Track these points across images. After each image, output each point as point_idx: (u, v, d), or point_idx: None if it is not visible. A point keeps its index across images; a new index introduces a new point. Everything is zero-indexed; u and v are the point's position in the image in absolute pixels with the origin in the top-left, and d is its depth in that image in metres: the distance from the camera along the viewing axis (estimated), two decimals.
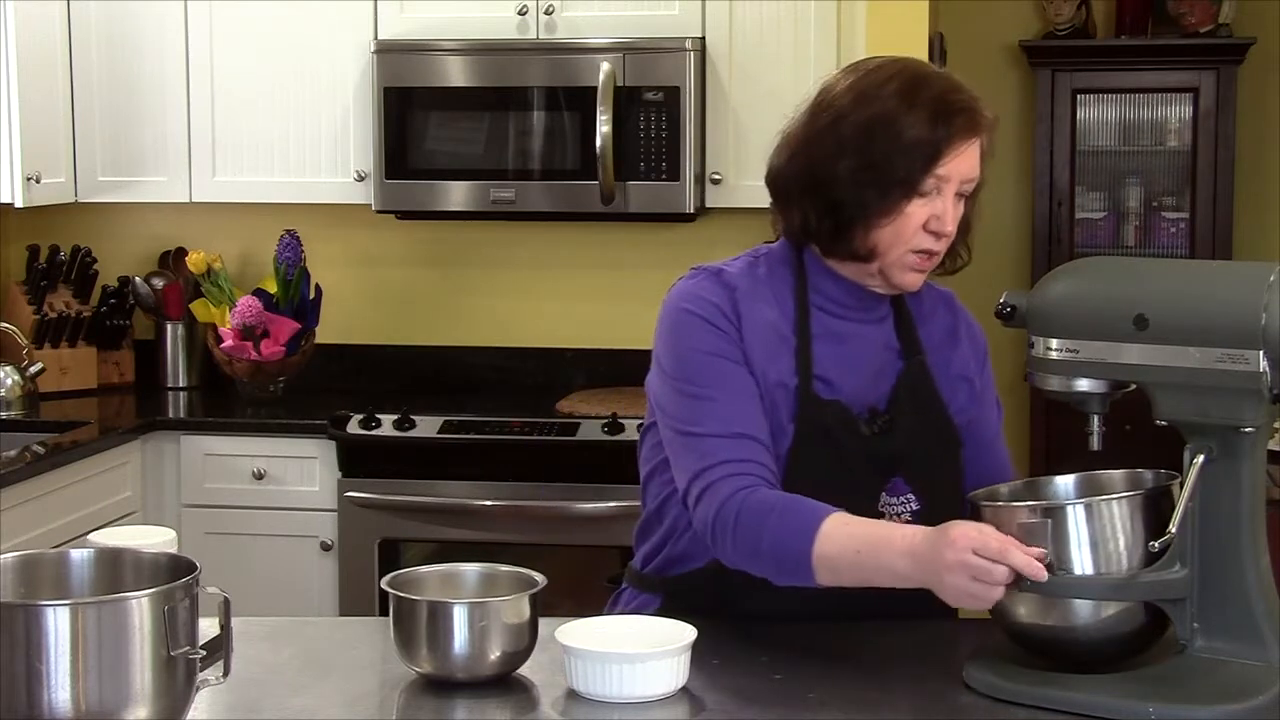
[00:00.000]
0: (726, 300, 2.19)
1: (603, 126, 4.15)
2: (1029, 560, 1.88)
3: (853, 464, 2.17)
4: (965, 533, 1.91)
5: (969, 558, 1.89)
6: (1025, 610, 1.95)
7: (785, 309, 2.21)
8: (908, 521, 2.15)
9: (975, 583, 1.90)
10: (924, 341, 2.28)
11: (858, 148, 2.14)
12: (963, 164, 2.13)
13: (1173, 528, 1.87)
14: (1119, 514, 1.92)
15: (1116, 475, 2.05)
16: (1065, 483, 2.07)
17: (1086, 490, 2.05)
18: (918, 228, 2.14)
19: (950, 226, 2.15)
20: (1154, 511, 1.93)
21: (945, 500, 2.18)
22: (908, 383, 2.24)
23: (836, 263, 2.22)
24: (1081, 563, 1.90)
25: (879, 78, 2.16)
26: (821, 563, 2.02)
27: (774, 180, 2.24)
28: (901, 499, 2.20)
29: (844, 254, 2.19)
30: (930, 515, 2.11)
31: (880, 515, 2.17)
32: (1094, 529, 1.91)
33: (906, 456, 2.20)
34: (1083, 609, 1.92)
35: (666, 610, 2.21)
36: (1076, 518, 1.91)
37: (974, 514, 2.00)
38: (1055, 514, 1.91)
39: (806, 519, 2.04)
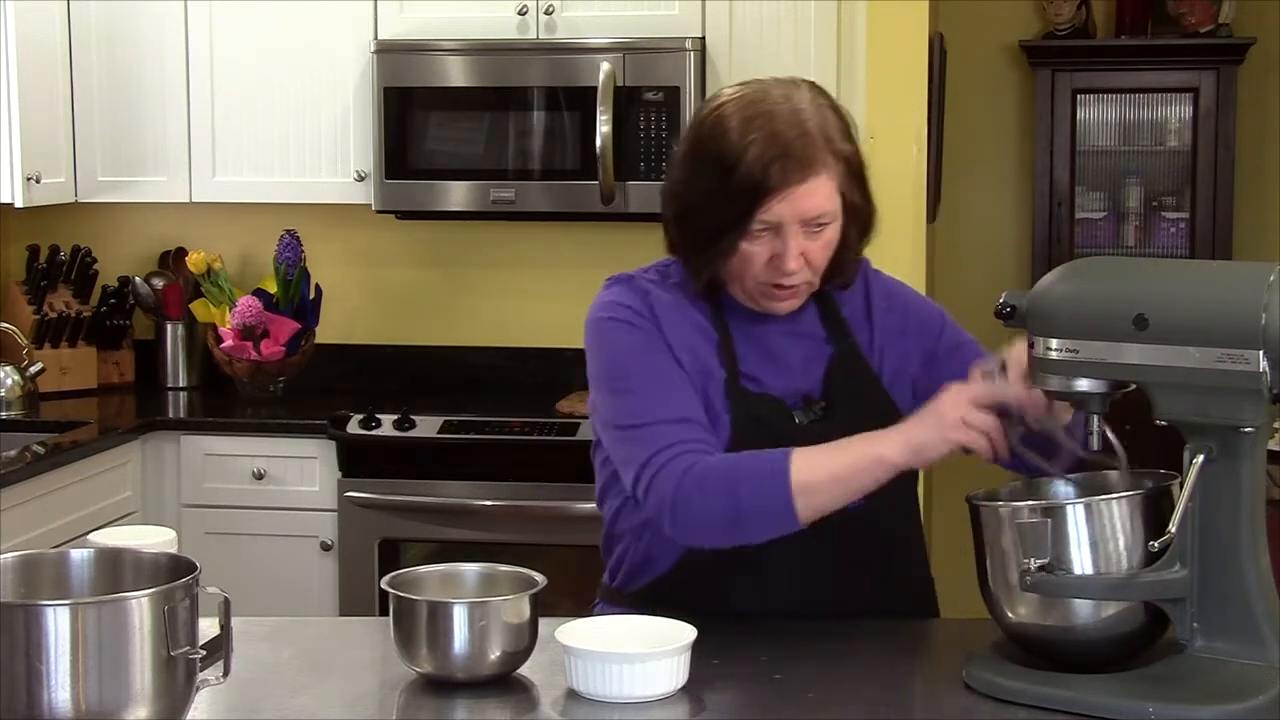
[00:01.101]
0: (642, 303, 2.23)
1: (603, 126, 4.15)
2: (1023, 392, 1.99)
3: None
4: (952, 388, 2.04)
5: (962, 397, 2.02)
6: (1025, 610, 1.95)
7: (701, 310, 2.24)
8: (858, 504, 2.12)
9: (977, 411, 2.01)
10: (849, 320, 2.28)
11: (688, 187, 2.19)
12: (797, 206, 2.12)
13: (1172, 528, 1.87)
14: (1119, 514, 1.92)
15: (1116, 475, 2.05)
16: (1065, 482, 2.07)
17: (1086, 490, 2.05)
18: (762, 264, 2.16)
19: (791, 264, 2.14)
20: (1154, 511, 1.93)
21: (892, 480, 2.16)
22: (841, 367, 2.25)
23: (732, 291, 2.23)
24: (1081, 562, 1.90)
25: (719, 112, 2.17)
26: (800, 491, 2.04)
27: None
28: None
29: (701, 278, 2.21)
30: (876, 495, 2.10)
31: None
32: (1094, 529, 1.91)
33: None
34: (1082, 609, 1.92)
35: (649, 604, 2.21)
36: (1076, 517, 1.91)
37: (972, 515, 2.00)
38: (1055, 514, 1.91)
39: (774, 458, 2.07)
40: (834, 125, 2.17)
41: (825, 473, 2.05)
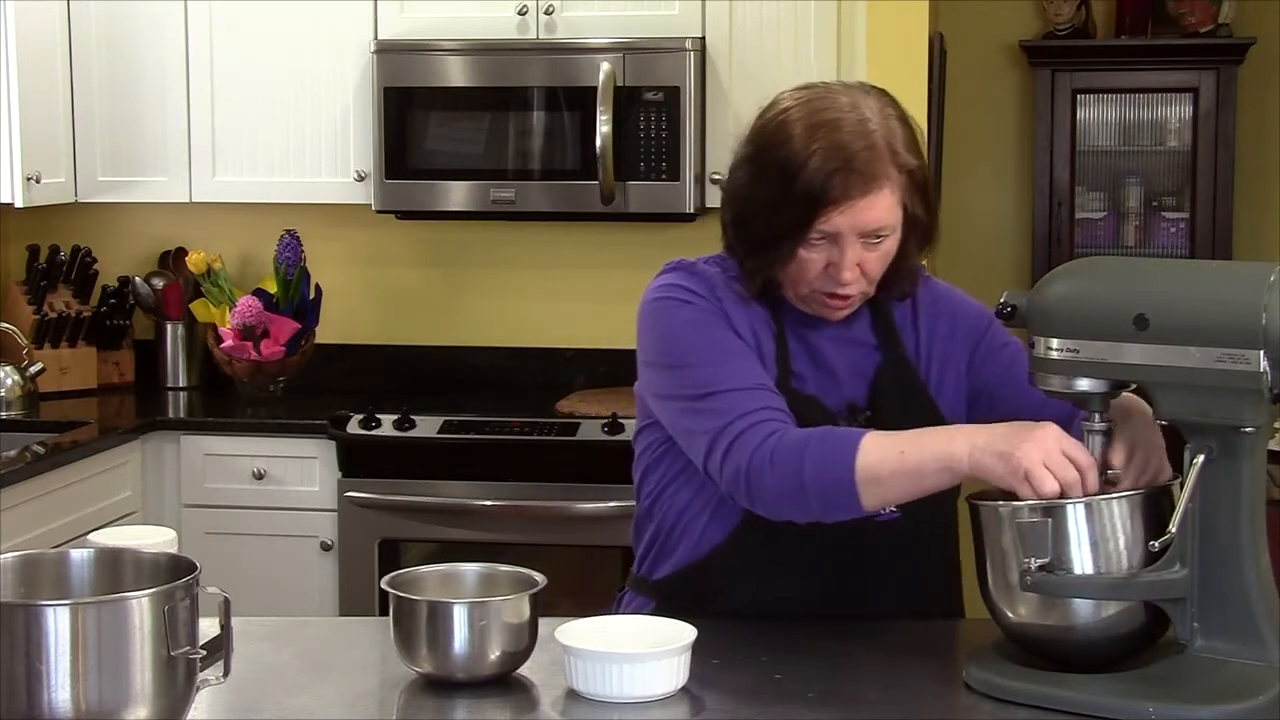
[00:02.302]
0: (703, 285, 2.20)
1: (603, 126, 4.15)
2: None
3: None
4: (1052, 429, 1.92)
5: (1054, 444, 1.91)
6: (1025, 610, 1.95)
7: (756, 305, 2.22)
8: (892, 513, 2.14)
9: (1055, 458, 1.90)
10: (900, 328, 2.26)
11: (748, 191, 2.16)
12: (857, 219, 2.10)
13: (1173, 528, 1.87)
14: (1119, 513, 1.91)
15: (1117, 474, 2.04)
16: None
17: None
18: (817, 271, 2.14)
19: (847, 275, 2.13)
20: (1154, 511, 1.93)
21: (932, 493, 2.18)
22: (888, 376, 2.24)
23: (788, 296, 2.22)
24: (1081, 562, 1.90)
25: (783, 117, 2.14)
26: (864, 475, 1.99)
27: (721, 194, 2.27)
28: None
29: (756, 281, 2.19)
30: (916, 506, 2.09)
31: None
32: (1094, 528, 1.90)
33: None
34: (1082, 609, 1.92)
35: (661, 611, 2.21)
36: (1077, 517, 1.91)
37: (972, 514, 2.00)
38: (1055, 513, 1.91)
39: (845, 438, 2.02)
40: (900, 137, 2.14)
41: (892, 465, 1.99)
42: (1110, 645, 1.94)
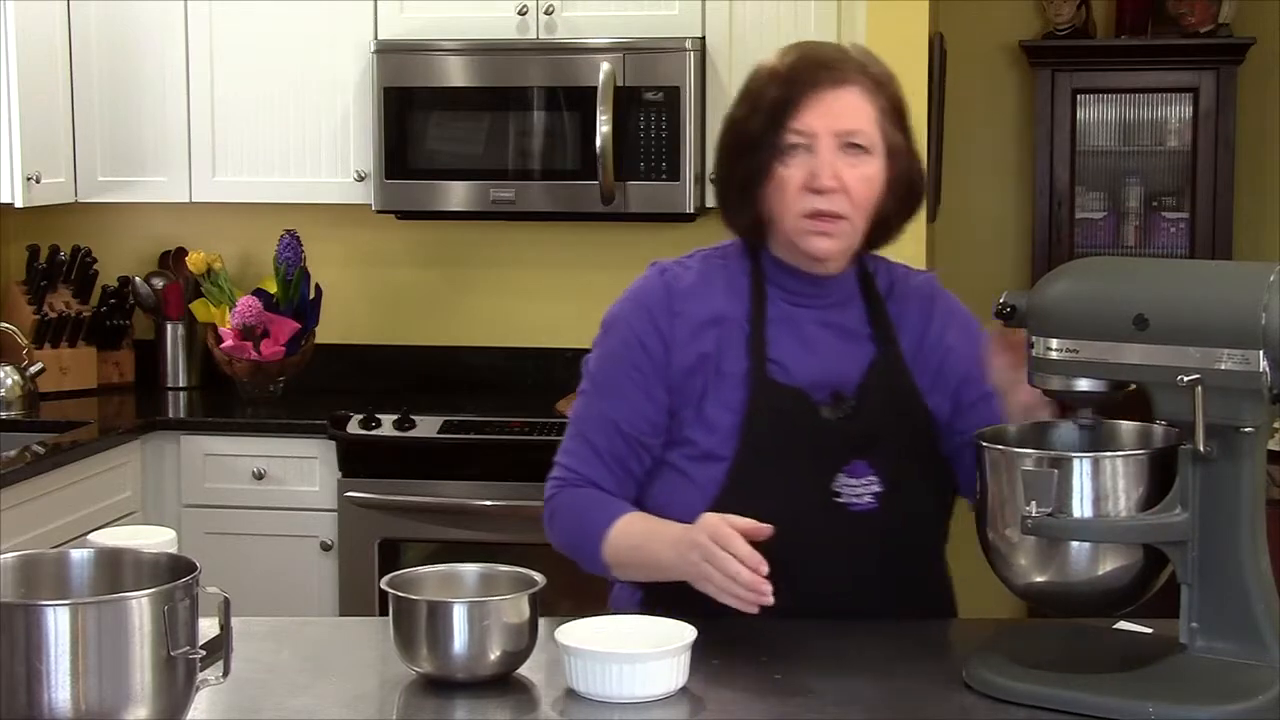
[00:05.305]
0: (661, 300, 2.27)
1: (603, 126, 4.15)
2: (750, 553, 2.00)
3: (806, 446, 2.19)
4: (711, 520, 2.05)
5: (703, 539, 2.03)
6: (1025, 561, 1.94)
7: (741, 297, 2.25)
8: (869, 503, 2.18)
9: (705, 564, 2.03)
10: (898, 326, 2.28)
11: (730, 125, 2.26)
12: (827, 115, 2.17)
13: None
14: (1124, 470, 1.91)
15: (1126, 426, 2.04)
16: (1073, 429, 2.04)
17: (1097, 438, 2.02)
18: (799, 189, 2.18)
19: (827, 179, 2.17)
20: (1160, 470, 1.92)
21: (910, 484, 2.22)
22: (880, 368, 2.25)
23: (777, 249, 2.26)
24: (1083, 516, 1.90)
25: (769, 60, 2.26)
26: (611, 559, 2.21)
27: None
28: (863, 480, 2.21)
29: (746, 224, 2.26)
30: (893, 497, 2.17)
31: (835, 496, 2.19)
32: (1099, 484, 1.90)
33: (872, 440, 2.21)
34: (1080, 561, 1.91)
35: (650, 600, 2.24)
36: (1082, 470, 1.90)
37: (977, 453, 1.99)
38: (1061, 465, 1.90)
39: (598, 522, 2.22)
40: (877, 63, 2.23)
41: (628, 558, 2.21)
42: (1106, 598, 1.94)
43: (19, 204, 4.26)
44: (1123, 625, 2.15)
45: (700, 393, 2.23)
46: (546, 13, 4.30)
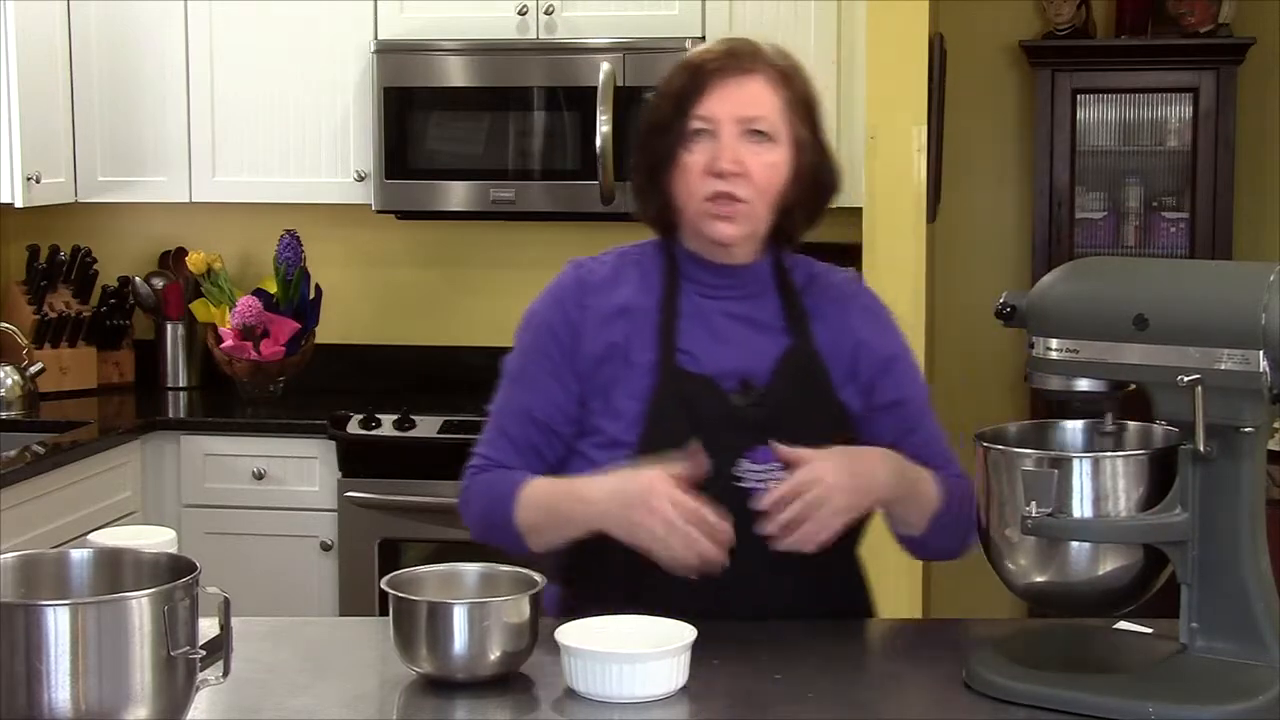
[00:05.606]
0: (573, 294, 2.33)
1: (603, 126, 4.16)
2: (719, 521, 2.04)
3: (710, 430, 2.20)
4: (664, 485, 2.07)
5: (664, 507, 2.05)
6: (1025, 558, 1.94)
7: (653, 289, 2.30)
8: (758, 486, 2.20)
9: (661, 527, 2.06)
10: (813, 319, 2.30)
11: (645, 109, 2.33)
12: (729, 101, 2.21)
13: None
14: (1124, 470, 1.91)
15: (1126, 427, 2.03)
16: (1074, 429, 2.04)
17: (1100, 437, 2.02)
18: (700, 173, 2.22)
19: (725, 162, 2.20)
20: (1161, 470, 1.92)
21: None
22: (792, 359, 2.27)
23: (686, 239, 2.30)
24: (1083, 516, 1.90)
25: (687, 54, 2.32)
26: (525, 528, 2.25)
27: None
28: (765, 466, 2.21)
29: (655, 213, 2.31)
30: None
31: (736, 480, 2.20)
32: (1099, 484, 1.90)
33: (776, 427, 2.20)
34: (1080, 561, 1.91)
35: (570, 597, 2.26)
36: (1082, 470, 1.90)
37: (977, 453, 1.99)
38: (1061, 465, 1.90)
39: (510, 482, 2.29)
40: (789, 58, 2.27)
41: (544, 521, 2.24)
42: (1106, 597, 1.94)
43: (19, 204, 4.26)
44: (1123, 625, 2.15)
45: (609, 382, 2.26)
46: (546, 13, 4.30)
